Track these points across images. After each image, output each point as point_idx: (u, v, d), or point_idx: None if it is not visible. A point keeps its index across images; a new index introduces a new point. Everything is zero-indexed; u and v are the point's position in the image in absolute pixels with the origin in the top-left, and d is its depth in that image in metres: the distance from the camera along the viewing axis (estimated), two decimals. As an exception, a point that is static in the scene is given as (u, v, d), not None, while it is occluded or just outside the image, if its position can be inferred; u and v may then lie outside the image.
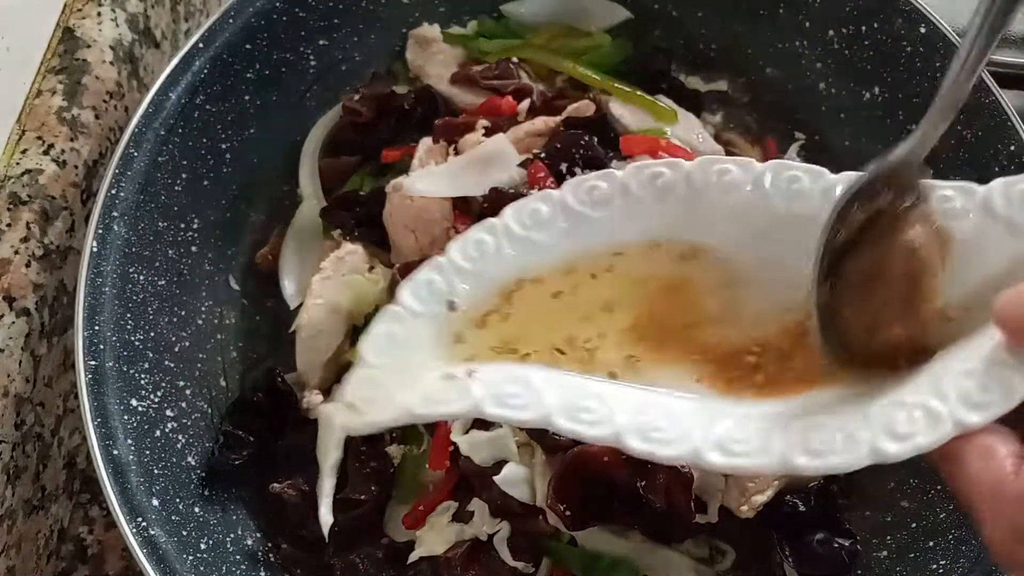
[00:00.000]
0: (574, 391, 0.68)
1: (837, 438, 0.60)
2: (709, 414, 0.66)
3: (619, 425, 0.64)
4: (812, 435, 0.61)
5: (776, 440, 0.62)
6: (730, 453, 0.62)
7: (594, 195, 0.79)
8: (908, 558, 0.96)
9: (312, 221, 1.26)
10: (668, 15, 1.40)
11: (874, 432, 0.59)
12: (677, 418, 0.65)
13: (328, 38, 1.33)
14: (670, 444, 0.63)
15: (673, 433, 0.64)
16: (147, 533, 0.93)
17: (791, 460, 0.60)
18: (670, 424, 0.65)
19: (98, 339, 0.99)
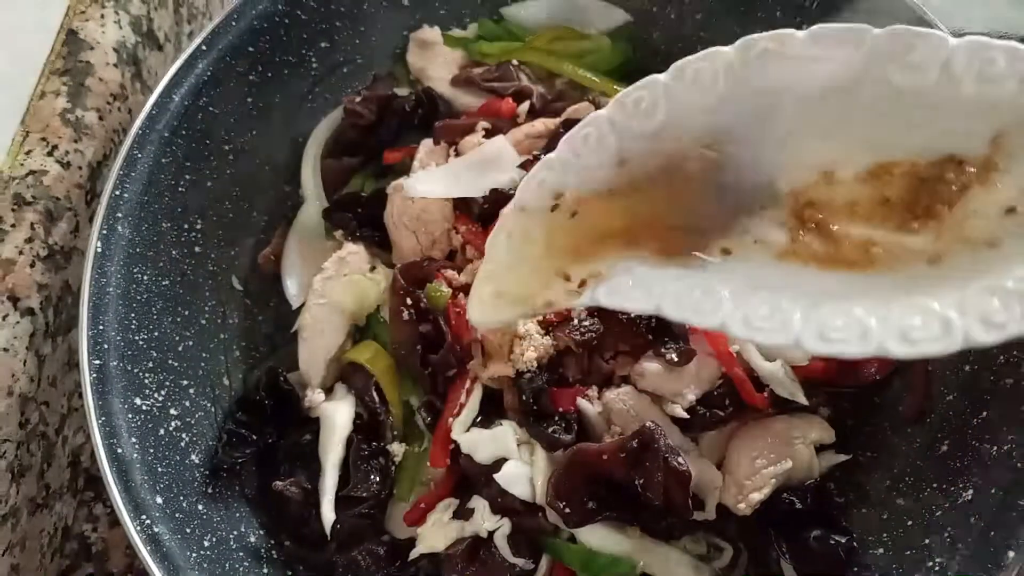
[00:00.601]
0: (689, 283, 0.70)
1: (935, 326, 0.62)
2: (809, 297, 0.68)
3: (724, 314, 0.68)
4: (909, 321, 0.63)
5: (873, 325, 0.64)
6: (830, 340, 0.65)
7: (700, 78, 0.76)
8: (904, 555, 0.96)
9: (314, 222, 1.27)
10: (667, 18, 1.41)
11: (968, 320, 0.61)
12: (778, 303, 0.68)
13: (330, 40, 1.34)
14: (773, 332, 0.66)
15: (776, 321, 0.66)
16: (151, 530, 0.94)
17: (887, 347, 0.63)
18: (772, 311, 0.67)
19: (102, 339, 1.00)
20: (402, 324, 1.08)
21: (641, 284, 0.72)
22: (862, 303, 0.65)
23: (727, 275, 0.71)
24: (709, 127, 0.73)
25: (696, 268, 0.72)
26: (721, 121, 0.72)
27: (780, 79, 0.71)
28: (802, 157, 0.71)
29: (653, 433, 0.95)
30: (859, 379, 1.14)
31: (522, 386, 1.02)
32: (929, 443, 1.04)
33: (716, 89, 0.72)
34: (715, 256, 0.72)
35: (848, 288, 0.67)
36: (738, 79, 0.71)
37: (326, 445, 1.08)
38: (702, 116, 0.73)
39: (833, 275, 0.68)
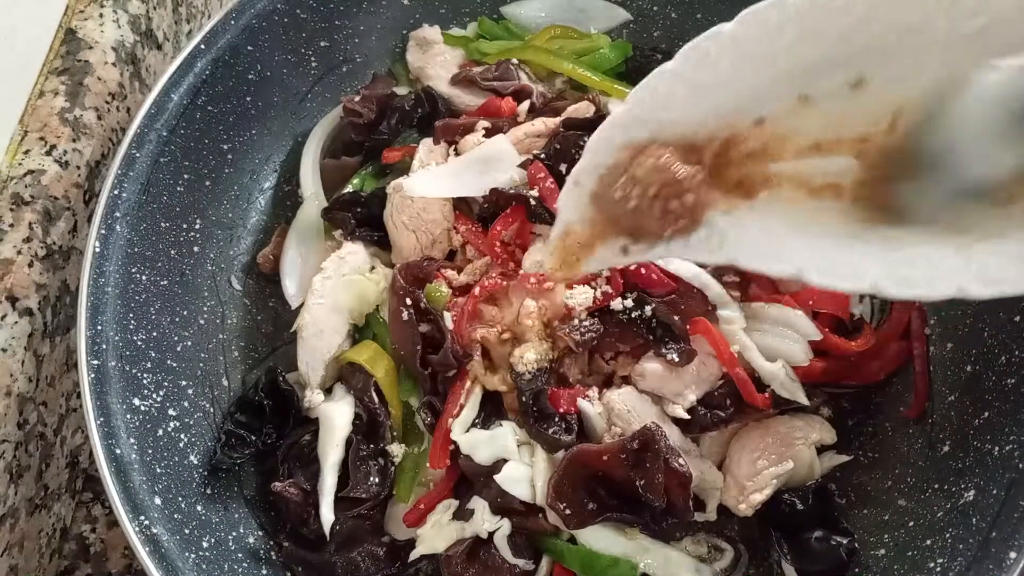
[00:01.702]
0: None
1: (1011, 268, 0.63)
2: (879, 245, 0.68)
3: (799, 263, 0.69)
4: (990, 260, 0.64)
5: (951, 266, 0.65)
6: (908, 283, 0.66)
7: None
8: (906, 556, 0.96)
9: (313, 221, 1.26)
10: (667, 17, 1.41)
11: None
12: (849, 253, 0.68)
13: (329, 39, 1.34)
14: (849, 278, 0.68)
15: (850, 268, 0.68)
16: (149, 531, 0.93)
17: (967, 289, 0.64)
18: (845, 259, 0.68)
19: (101, 339, 1.00)
20: (402, 324, 1.08)
21: (716, 234, 0.73)
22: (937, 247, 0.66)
23: (801, 225, 0.71)
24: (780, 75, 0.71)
25: (771, 220, 0.72)
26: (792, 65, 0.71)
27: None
28: (873, 103, 0.70)
29: (654, 434, 0.95)
30: (860, 379, 1.14)
31: (522, 387, 1.01)
32: (930, 444, 1.04)
33: (785, 34, 0.70)
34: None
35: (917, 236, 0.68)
36: (803, 28, 0.69)
37: (325, 446, 1.07)
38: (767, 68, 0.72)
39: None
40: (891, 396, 1.13)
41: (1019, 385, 0.96)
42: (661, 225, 0.74)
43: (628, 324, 1.03)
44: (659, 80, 0.74)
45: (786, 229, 0.72)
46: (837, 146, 0.70)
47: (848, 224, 0.71)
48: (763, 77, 0.71)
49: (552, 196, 1.09)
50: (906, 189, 0.69)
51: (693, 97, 0.73)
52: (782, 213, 0.72)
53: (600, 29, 1.41)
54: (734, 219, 0.73)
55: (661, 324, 1.02)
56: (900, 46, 0.67)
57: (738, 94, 0.72)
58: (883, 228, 0.70)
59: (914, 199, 0.69)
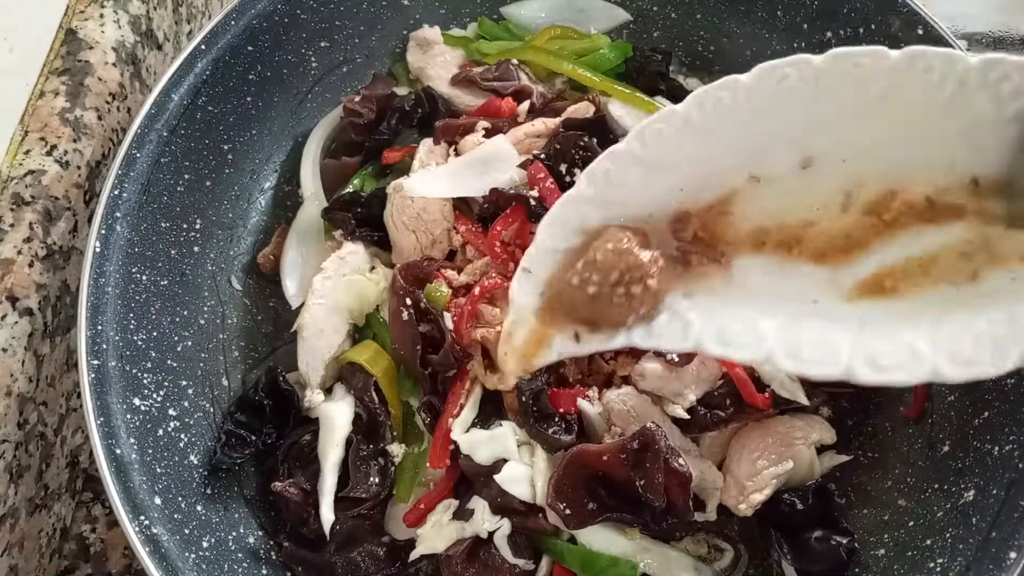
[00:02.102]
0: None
1: (986, 350, 0.62)
2: (852, 325, 0.67)
3: (768, 347, 0.67)
4: (962, 344, 0.63)
5: (923, 349, 0.64)
6: (880, 368, 0.65)
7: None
8: (906, 556, 0.96)
9: (314, 221, 1.26)
10: (667, 17, 1.41)
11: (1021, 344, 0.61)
12: (822, 335, 0.67)
13: (329, 40, 1.34)
14: (821, 363, 0.66)
15: (822, 352, 0.66)
16: (149, 531, 0.93)
17: (940, 371, 0.63)
18: (818, 341, 0.67)
19: (101, 339, 1.00)
20: (402, 324, 1.08)
21: (678, 319, 0.72)
22: (906, 328, 0.65)
23: (765, 305, 0.70)
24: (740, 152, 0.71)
25: (735, 302, 0.71)
26: (748, 145, 0.71)
27: (796, 105, 0.69)
28: (825, 183, 0.70)
29: (654, 434, 0.95)
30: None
31: (522, 387, 1.01)
32: (930, 444, 1.04)
33: (737, 115, 0.70)
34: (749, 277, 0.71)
35: (886, 315, 0.67)
36: (755, 106, 0.70)
37: (325, 446, 1.07)
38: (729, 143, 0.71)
39: (869, 303, 0.68)
40: (891, 396, 1.13)
41: (1019, 385, 0.96)
42: (622, 313, 0.72)
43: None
44: (611, 160, 0.73)
45: (752, 311, 0.71)
46: (789, 230, 0.71)
47: (823, 299, 0.70)
48: (715, 156, 0.71)
49: (552, 196, 1.09)
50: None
51: (646, 178, 0.72)
52: (745, 295, 0.71)
53: (600, 29, 1.41)
54: (696, 303, 0.72)
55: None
56: (849, 124, 0.68)
57: (691, 175, 0.72)
58: (858, 304, 0.69)
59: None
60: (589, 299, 0.72)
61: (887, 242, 0.68)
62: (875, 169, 0.68)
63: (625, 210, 0.73)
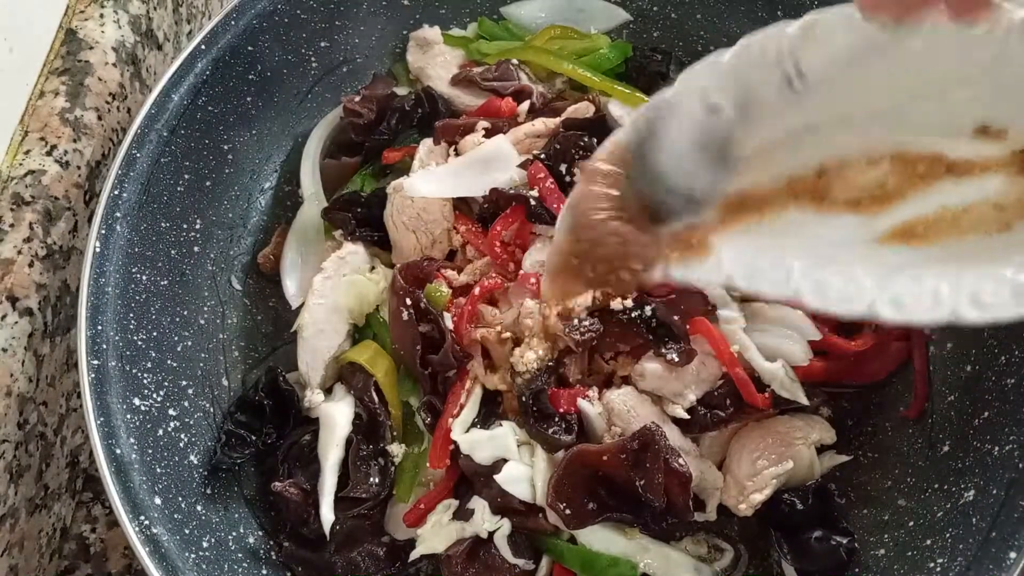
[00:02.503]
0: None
1: (1004, 291, 0.63)
2: (878, 268, 0.68)
3: (796, 285, 0.69)
4: (984, 288, 0.64)
5: (945, 292, 0.65)
6: (902, 307, 0.66)
7: None
8: (906, 556, 0.96)
9: (314, 221, 1.27)
10: (667, 17, 1.41)
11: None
12: (850, 273, 0.68)
13: (329, 40, 1.34)
14: (846, 302, 0.68)
15: (848, 291, 0.68)
16: (149, 531, 0.93)
17: (960, 312, 0.64)
18: (844, 281, 0.68)
19: (101, 339, 1.00)
20: (402, 324, 1.08)
21: (712, 256, 0.74)
22: (931, 272, 0.66)
23: (795, 246, 0.72)
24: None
25: (765, 242, 0.73)
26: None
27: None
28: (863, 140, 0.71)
29: (654, 434, 0.95)
30: (860, 379, 1.14)
31: (521, 387, 1.01)
32: (930, 443, 1.04)
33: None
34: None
35: (913, 260, 0.68)
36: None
37: (325, 446, 1.07)
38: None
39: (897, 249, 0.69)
40: (891, 396, 1.13)
41: (1019, 385, 0.96)
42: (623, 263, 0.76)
43: (628, 324, 1.03)
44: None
45: (782, 251, 0.72)
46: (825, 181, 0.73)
47: (853, 243, 0.71)
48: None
49: (552, 196, 1.09)
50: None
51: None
52: (776, 236, 0.73)
53: (600, 29, 1.41)
54: (729, 240, 0.74)
55: (661, 324, 1.02)
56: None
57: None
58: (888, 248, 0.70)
59: None
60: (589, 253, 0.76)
61: (922, 193, 0.69)
62: (914, 125, 0.69)
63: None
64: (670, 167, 0.73)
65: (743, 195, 0.74)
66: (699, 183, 0.73)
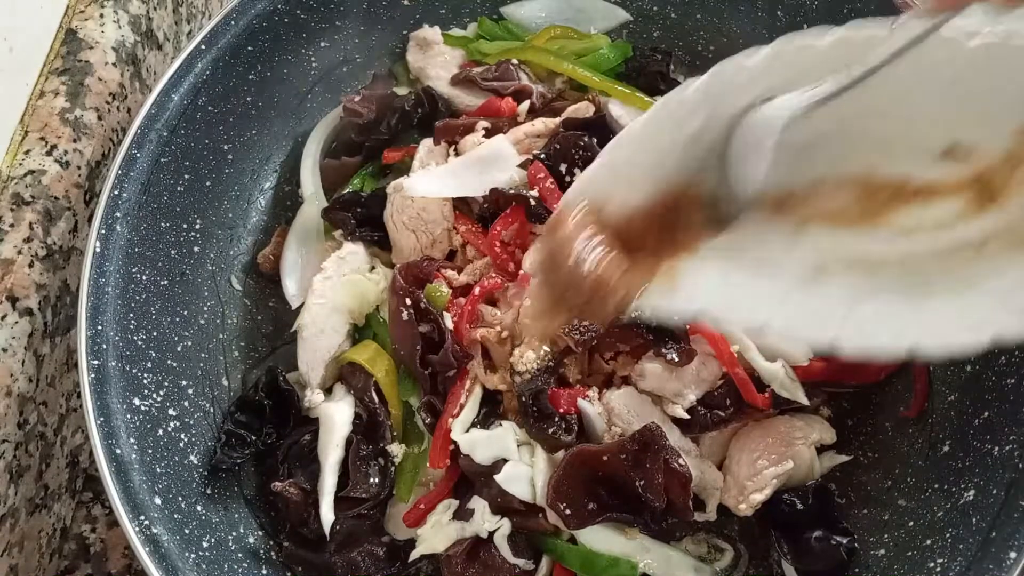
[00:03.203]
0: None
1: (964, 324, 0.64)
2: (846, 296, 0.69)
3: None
4: (941, 316, 0.65)
5: (906, 322, 0.66)
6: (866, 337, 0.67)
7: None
8: (905, 556, 0.96)
9: (314, 221, 1.27)
10: (667, 17, 1.41)
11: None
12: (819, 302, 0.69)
13: (329, 40, 1.34)
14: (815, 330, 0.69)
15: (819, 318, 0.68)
16: (149, 531, 0.93)
17: (920, 346, 0.65)
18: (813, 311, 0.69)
19: (101, 339, 1.00)
20: (402, 324, 1.08)
21: (684, 284, 0.74)
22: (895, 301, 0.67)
23: (770, 275, 0.73)
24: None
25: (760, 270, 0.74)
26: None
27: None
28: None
29: (654, 434, 0.95)
30: (860, 379, 1.14)
31: (521, 388, 1.01)
32: (930, 444, 1.04)
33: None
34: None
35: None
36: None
37: (325, 446, 1.07)
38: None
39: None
40: (891, 396, 1.13)
41: (1019, 385, 0.96)
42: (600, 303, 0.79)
43: (628, 324, 1.03)
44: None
45: (746, 277, 0.73)
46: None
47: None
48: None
49: (552, 196, 1.09)
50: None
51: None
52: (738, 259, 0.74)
53: (600, 29, 1.41)
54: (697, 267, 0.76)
55: (661, 324, 1.02)
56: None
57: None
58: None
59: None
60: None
61: (890, 217, 0.69)
62: (885, 148, 0.69)
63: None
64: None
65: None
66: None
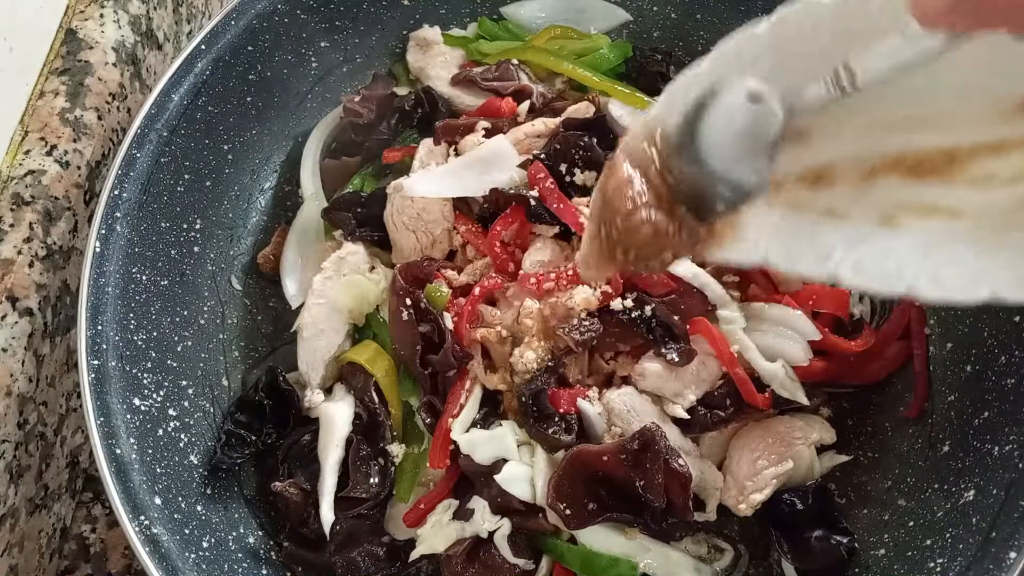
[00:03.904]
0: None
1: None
2: (920, 243, 0.66)
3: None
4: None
5: (985, 269, 0.64)
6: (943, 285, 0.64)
7: None
8: (906, 556, 0.96)
9: (314, 221, 1.27)
10: (667, 17, 1.41)
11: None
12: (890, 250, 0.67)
13: (329, 40, 1.34)
14: (888, 279, 0.66)
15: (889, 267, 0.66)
16: (149, 531, 0.93)
17: (1000, 293, 0.62)
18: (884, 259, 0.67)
19: (101, 339, 1.00)
20: (402, 324, 1.08)
21: (747, 235, 0.72)
22: (972, 250, 0.65)
23: (837, 223, 0.70)
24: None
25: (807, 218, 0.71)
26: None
27: None
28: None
29: (654, 434, 0.95)
30: (860, 379, 1.14)
31: (521, 388, 1.01)
32: (930, 444, 1.04)
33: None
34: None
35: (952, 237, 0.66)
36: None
37: (325, 446, 1.07)
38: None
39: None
40: (891, 396, 1.13)
41: (1019, 385, 0.96)
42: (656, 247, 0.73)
43: (628, 324, 1.03)
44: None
45: (813, 225, 0.70)
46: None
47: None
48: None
49: (552, 196, 1.09)
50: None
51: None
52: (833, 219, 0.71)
53: (600, 29, 1.41)
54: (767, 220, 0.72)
55: (661, 324, 1.02)
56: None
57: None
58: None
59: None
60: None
61: (964, 168, 0.66)
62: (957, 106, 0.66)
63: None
64: (715, 152, 0.69)
65: (787, 176, 0.71)
66: (746, 170, 0.69)
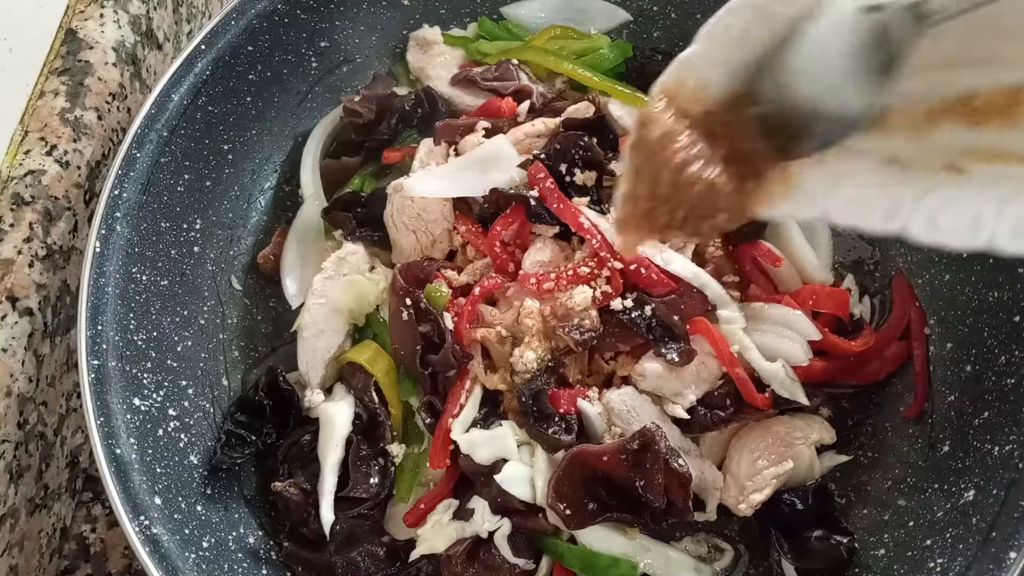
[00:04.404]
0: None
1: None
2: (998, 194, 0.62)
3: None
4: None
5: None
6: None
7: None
8: (906, 556, 0.96)
9: (314, 221, 1.27)
10: (667, 17, 1.41)
11: None
12: (965, 201, 0.62)
13: (329, 40, 1.34)
14: (963, 233, 0.62)
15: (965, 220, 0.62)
16: (149, 531, 0.93)
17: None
18: (960, 211, 0.63)
19: (101, 339, 1.00)
20: (402, 324, 1.08)
21: (805, 192, 0.67)
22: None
23: (901, 174, 0.65)
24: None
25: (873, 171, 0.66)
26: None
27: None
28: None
29: (654, 434, 0.95)
30: (860, 379, 1.14)
31: (521, 388, 1.01)
32: (930, 444, 1.04)
33: None
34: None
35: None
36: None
37: (325, 446, 1.07)
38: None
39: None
40: (891, 396, 1.13)
41: (1019, 385, 0.96)
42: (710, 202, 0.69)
43: (628, 324, 1.03)
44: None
45: (873, 176, 0.66)
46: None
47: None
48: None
49: (552, 196, 1.09)
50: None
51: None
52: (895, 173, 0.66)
53: (600, 29, 1.41)
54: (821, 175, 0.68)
55: (661, 324, 1.02)
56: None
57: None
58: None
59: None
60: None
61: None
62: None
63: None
64: (813, 79, 0.61)
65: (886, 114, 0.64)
66: (851, 97, 0.61)
